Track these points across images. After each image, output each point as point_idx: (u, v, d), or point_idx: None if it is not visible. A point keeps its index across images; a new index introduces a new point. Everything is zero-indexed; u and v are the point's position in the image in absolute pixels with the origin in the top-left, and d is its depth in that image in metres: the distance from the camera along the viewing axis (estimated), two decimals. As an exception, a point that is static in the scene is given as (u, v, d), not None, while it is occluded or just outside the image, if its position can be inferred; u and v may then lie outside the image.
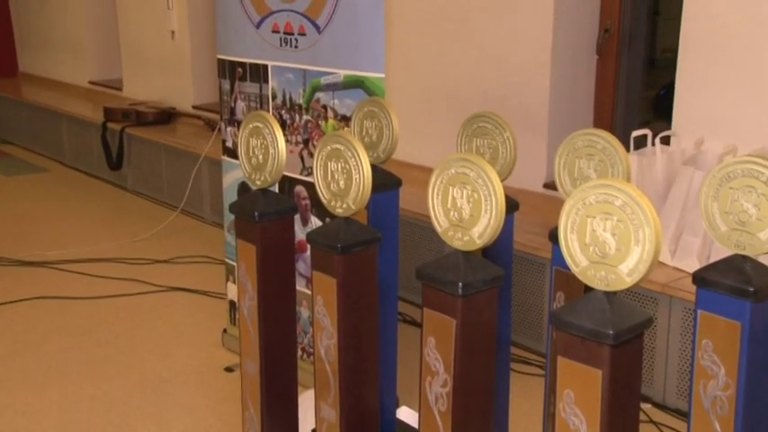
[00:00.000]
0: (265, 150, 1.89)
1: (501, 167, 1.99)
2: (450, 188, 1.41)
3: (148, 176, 5.12)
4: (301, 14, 2.64)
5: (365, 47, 2.48)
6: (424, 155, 3.78)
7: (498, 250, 1.79)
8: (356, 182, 1.67)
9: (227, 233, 3.08)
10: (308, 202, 2.75)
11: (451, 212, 1.42)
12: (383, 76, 2.47)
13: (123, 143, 5.20)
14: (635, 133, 2.76)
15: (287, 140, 2.66)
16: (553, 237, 1.76)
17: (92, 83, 6.43)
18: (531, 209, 3.18)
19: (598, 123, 3.50)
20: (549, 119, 3.37)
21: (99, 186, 5.46)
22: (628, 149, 2.69)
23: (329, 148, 1.73)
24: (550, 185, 3.35)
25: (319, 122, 2.68)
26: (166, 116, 5.30)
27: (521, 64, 3.40)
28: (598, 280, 1.18)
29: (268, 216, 1.87)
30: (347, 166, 1.69)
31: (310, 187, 2.72)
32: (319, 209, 2.67)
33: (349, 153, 1.68)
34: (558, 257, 1.73)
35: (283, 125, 2.75)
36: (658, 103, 3.78)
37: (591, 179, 1.66)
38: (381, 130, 2.27)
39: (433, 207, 1.45)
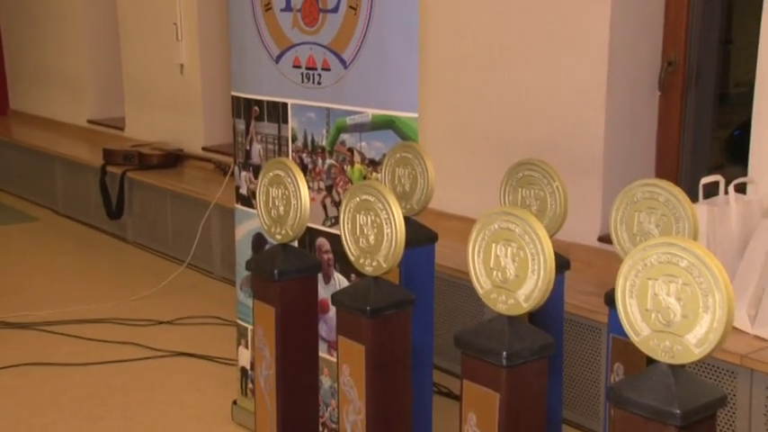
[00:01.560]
0: (287, 201, 1.95)
1: (550, 221, 2.02)
2: (494, 245, 1.44)
3: (152, 226, 5.21)
4: (325, 47, 2.72)
5: (396, 83, 2.54)
6: (463, 204, 3.81)
7: (547, 314, 1.80)
8: (387, 237, 1.71)
9: (239, 291, 3.12)
10: (330, 256, 2.78)
11: (495, 272, 1.45)
12: (416, 115, 2.52)
13: (124, 189, 5.31)
14: (704, 180, 2.76)
15: (308, 187, 2.71)
16: (610, 300, 1.77)
17: (90, 122, 6.57)
18: (584, 265, 3.19)
19: (661, 169, 3.52)
20: (605, 164, 3.39)
21: (95, 237, 5.55)
22: (696, 199, 2.69)
23: (358, 199, 1.78)
24: (606, 238, 3.36)
25: (344, 167, 2.74)
26: (173, 159, 5.40)
27: (571, 102, 3.45)
28: (662, 351, 1.19)
29: (289, 274, 1.92)
30: (378, 220, 1.73)
31: (334, 239, 2.76)
32: (344, 264, 2.70)
33: (380, 205, 1.73)
34: (615, 324, 1.74)
35: (304, 170, 2.81)
36: (731, 145, 3.78)
37: (652, 236, 1.68)
38: (415, 179, 2.31)
39: (474, 266, 1.48)
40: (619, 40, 3.33)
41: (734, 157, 3.61)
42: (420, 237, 2.25)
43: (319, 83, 2.76)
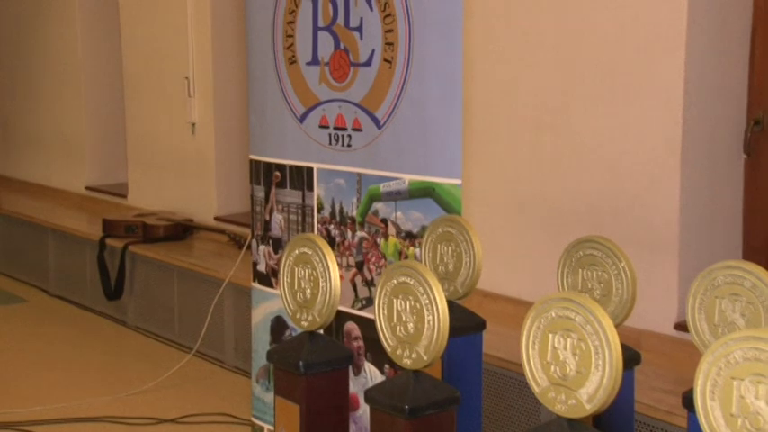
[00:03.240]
0: (314, 283, 1.97)
1: (616, 307, 2.01)
2: (551, 336, 1.44)
3: (155, 308, 5.24)
4: (357, 105, 2.78)
5: (437, 145, 2.58)
6: (514, 284, 3.80)
7: (615, 417, 1.78)
8: (429, 325, 1.71)
9: (255, 384, 3.12)
10: (361, 344, 2.78)
11: (552, 367, 1.45)
12: (460, 182, 2.55)
13: (125, 265, 5.37)
14: (798, 258, 2.74)
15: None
16: (688, 402, 1.75)
17: (89, 188, 6.66)
18: (659, 357, 3.14)
19: (749, 246, 3.48)
20: (681, 239, 3.37)
21: (91, 321, 5.58)
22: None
23: (394, 281, 1.79)
24: (685, 325, 3.31)
25: (377, 241, 2.76)
26: (181, 230, 5.46)
27: (640, 167, 3.45)
28: (752, 462, 1.17)
29: (317, 367, 1.92)
30: (418, 305, 1.73)
31: (365, 324, 2.77)
32: (376, 353, 2.70)
33: (420, 288, 1.74)
34: (695, 429, 1.71)
35: (331, 243, 2.84)
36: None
37: (736, 327, 1.67)
38: (460, 257, 2.32)
39: (529, 360, 1.48)
40: (695, 95, 3.35)
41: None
42: (466, 324, 2.25)
43: (349, 145, 2.80)
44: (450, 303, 2.00)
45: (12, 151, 7.64)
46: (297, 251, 2.02)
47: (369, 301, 2.78)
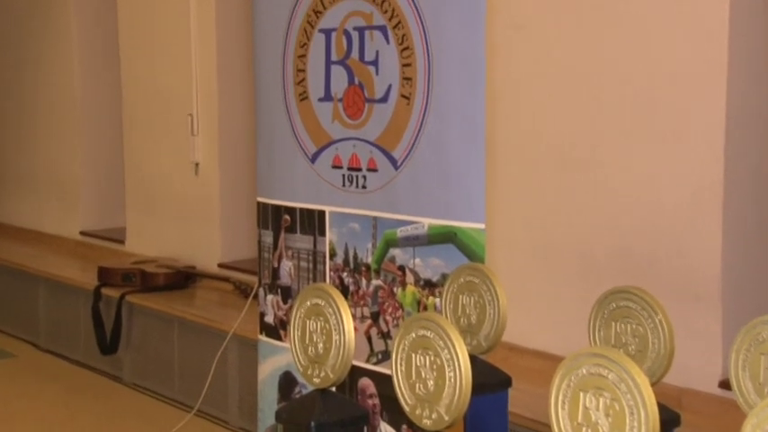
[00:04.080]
0: (327, 337, 1.97)
1: (652, 364, 2.01)
2: (582, 395, 1.44)
3: (154, 363, 5.24)
4: (372, 144, 2.80)
5: (458, 187, 2.59)
6: (542, 337, 3.79)
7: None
8: (450, 382, 1.71)
9: (261, 447, 3.11)
10: (377, 402, 2.78)
11: (584, 429, 1.44)
12: (483, 227, 2.56)
13: (122, 316, 5.37)
14: None
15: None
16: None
17: (84, 234, 6.68)
18: (701, 418, 3.12)
19: (797, 292, 3.47)
20: (723, 288, 3.35)
21: (84, 378, 5.58)
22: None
23: (413, 335, 1.79)
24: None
25: (394, 290, 2.76)
26: (183, 278, 5.47)
27: (678, 210, 3.45)
28: None
29: (330, 428, 1.92)
30: (438, 361, 1.73)
31: (381, 381, 2.76)
32: (393, 412, 2.69)
33: (440, 342, 1.74)
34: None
35: (344, 292, 2.84)
36: None
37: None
38: (483, 309, 2.33)
39: (558, 420, 1.47)
40: (736, 131, 3.35)
41: None
42: (490, 381, 2.25)
43: (364, 186, 2.82)
44: (474, 358, 2.00)
45: (1, 194, 7.67)
46: (308, 302, 2.03)
47: (385, 356, 2.77)
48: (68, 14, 6.63)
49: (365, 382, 2.82)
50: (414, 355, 1.80)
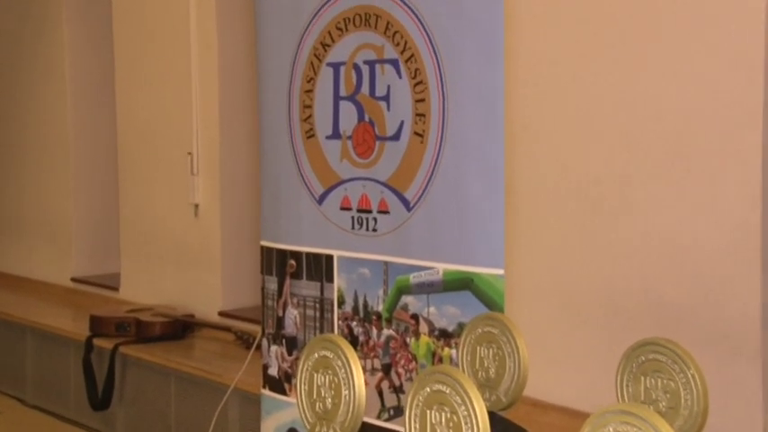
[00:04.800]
0: (336, 392, 1.97)
1: (684, 422, 2.01)
2: (608, 452, 1.44)
3: (149, 419, 5.23)
4: (383, 184, 2.82)
5: (476, 230, 2.60)
6: (566, 392, 3.77)
7: None
8: (466, 438, 1.71)
9: None
10: (388, 462, 2.77)
11: (612, 489, 1.44)
12: (502, 273, 2.56)
13: (114, 369, 5.37)
14: None
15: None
16: None
17: (75, 280, 6.69)
18: (740, 479, 3.09)
19: (841, 344, 3.45)
20: (763, 340, 3.34)
21: (74, 434, 5.57)
22: None
23: (427, 390, 1.79)
24: (770, 442, 3.27)
25: (407, 340, 2.77)
26: (180, 328, 5.47)
27: (712, 256, 3.44)
28: None
29: (336, 491, 1.91)
30: (455, 418, 1.73)
31: (393, 439, 2.76)
32: (406, 475, 2.68)
33: (457, 398, 1.74)
34: None
35: (354, 343, 2.84)
36: None
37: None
38: (503, 361, 2.33)
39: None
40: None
41: None
42: (509, 437, 2.24)
43: (375, 229, 2.84)
44: (492, 415, 2.00)
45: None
46: (316, 354, 2.03)
47: (397, 411, 2.77)
48: (62, 46, 6.70)
49: (376, 439, 2.82)
50: (429, 412, 1.80)
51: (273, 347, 3.17)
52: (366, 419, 2.75)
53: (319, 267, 3.00)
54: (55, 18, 6.75)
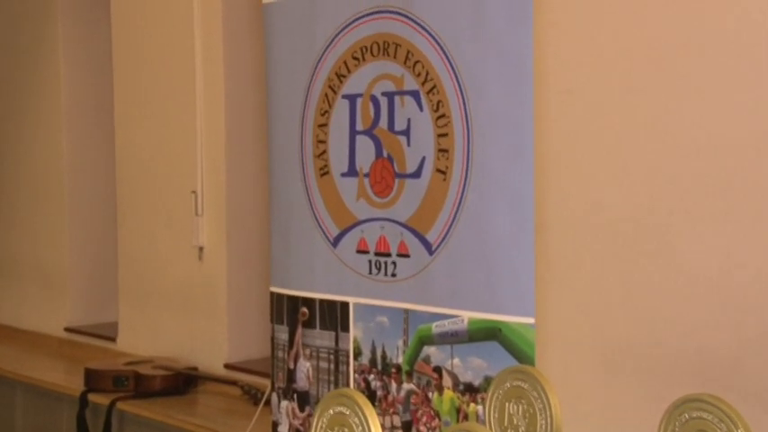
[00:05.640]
0: (352, 451, 1.98)
1: (731, 481, 2.00)
2: None
3: (148, 481, 5.22)
4: (403, 225, 2.84)
5: (504, 275, 2.62)
6: (605, 451, 3.76)
7: None
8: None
9: None
10: None
11: None
12: (533, 322, 2.57)
13: (111, 426, 5.35)
14: None
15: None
16: None
17: (70, 330, 6.68)
18: None
19: None
20: (819, 393, 3.33)
21: (67, 497, 5.56)
22: None
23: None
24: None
25: (429, 395, 2.77)
26: (183, 382, 5.47)
27: (762, 300, 3.44)
28: None
29: None
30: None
31: (414, 505, 2.75)
32: None
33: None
34: None
35: (372, 398, 2.85)
36: None
37: None
38: (534, 418, 2.33)
39: None
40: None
41: None
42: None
43: (394, 274, 2.85)
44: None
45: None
46: (330, 411, 2.04)
47: (418, 473, 2.77)
48: (57, 77, 6.73)
49: (395, 504, 2.82)
50: (452, 472, 1.81)
51: (284, 403, 3.18)
52: (385, 481, 2.75)
53: (334, 315, 3.02)
54: (50, 48, 6.80)
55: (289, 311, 3.15)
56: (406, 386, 2.83)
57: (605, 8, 3.78)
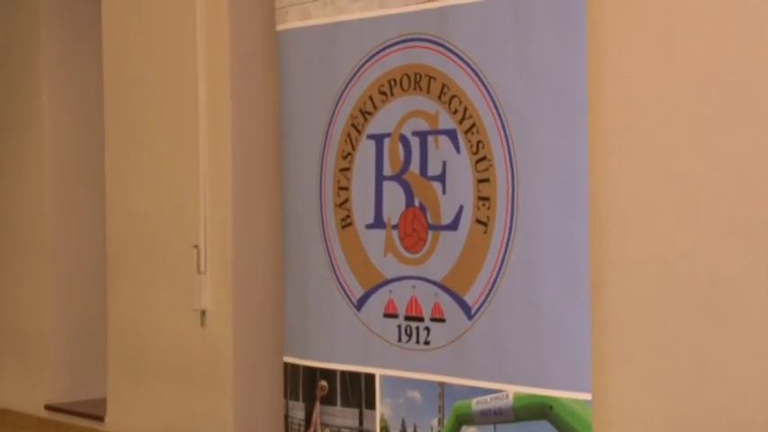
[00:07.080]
0: None
1: None
2: None
3: None
4: (438, 285, 2.84)
5: (555, 344, 2.62)
6: None
7: None
8: None
9: None
10: None
11: None
12: (590, 398, 2.56)
13: None
14: None
15: None
16: None
17: (50, 408, 6.67)
18: None
19: None
20: None
21: None
22: None
23: None
24: None
25: (469, 485, 2.76)
26: (181, 468, 5.49)
27: None
28: None
29: None
30: None
31: None
32: None
33: None
34: None
35: (402, 488, 2.85)
36: None
37: None
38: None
39: None
40: None
41: None
42: None
43: (427, 342, 2.86)
44: None
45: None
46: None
47: None
48: (41, 120, 6.78)
49: None
50: None
51: (300, 491, 3.17)
52: None
53: (357, 390, 3.02)
54: (33, 85, 6.85)
55: (305, 385, 3.15)
56: (442, 473, 2.83)
57: (668, 32, 3.80)
